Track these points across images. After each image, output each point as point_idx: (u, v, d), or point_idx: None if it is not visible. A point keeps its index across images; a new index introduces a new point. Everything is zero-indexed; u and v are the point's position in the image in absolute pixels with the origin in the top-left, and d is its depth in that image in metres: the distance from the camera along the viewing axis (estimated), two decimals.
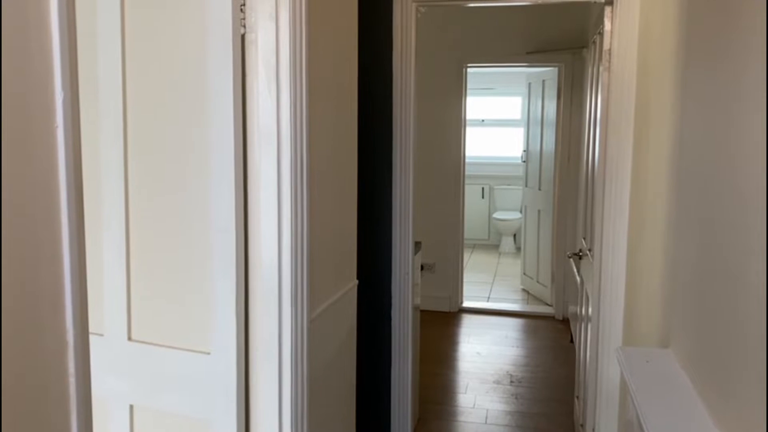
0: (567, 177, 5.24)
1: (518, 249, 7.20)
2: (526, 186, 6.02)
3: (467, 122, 5.50)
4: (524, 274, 6.05)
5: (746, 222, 1.19)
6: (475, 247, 7.84)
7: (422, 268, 3.38)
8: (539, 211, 5.68)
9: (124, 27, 1.68)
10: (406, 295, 2.98)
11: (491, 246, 7.94)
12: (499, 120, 8.13)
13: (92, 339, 0.92)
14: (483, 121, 8.05)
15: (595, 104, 3.18)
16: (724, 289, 1.33)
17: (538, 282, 5.74)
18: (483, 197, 8.04)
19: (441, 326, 5.10)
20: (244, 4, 1.62)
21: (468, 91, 5.45)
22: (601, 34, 2.71)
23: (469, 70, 5.40)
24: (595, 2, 2.66)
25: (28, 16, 0.79)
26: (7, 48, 0.76)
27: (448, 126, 5.36)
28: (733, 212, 1.29)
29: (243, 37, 1.63)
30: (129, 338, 1.77)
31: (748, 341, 1.16)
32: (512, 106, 8.13)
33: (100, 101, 1.71)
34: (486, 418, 3.57)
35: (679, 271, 1.73)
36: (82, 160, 0.88)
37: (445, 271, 5.47)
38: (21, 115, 0.78)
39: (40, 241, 0.82)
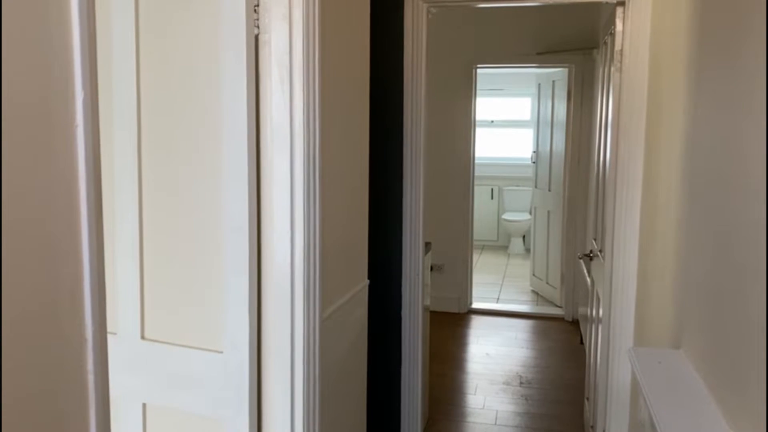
0: (577, 178, 5.22)
1: (527, 250, 7.18)
2: (536, 187, 6.00)
3: (477, 123, 5.50)
4: (533, 275, 6.04)
5: (759, 222, 1.19)
6: (484, 248, 7.83)
7: (431, 269, 3.38)
8: (549, 212, 5.67)
9: (138, 28, 1.69)
10: (417, 295, 2.98)
11: (500, 247, 7.92)
12: (508, 121, 8.12)
13: None
14: (492, 122, 8.03)
15: (606, 105, 3.17)
16: (736, 289, 1.33)
17: (547, 283, 5.73)
18: (492, 198, 8.02)
19: (450, 327, 5.09)
20: (257, 5, 1.63)
21: (477, 92, 5.44)
22: (612, 34, 2.70)
23: (478, 70, 5.39)
24: (606, 3, 2.66)
25: (50, 19, 0.80)
26: (30, 49, 0.77)
27: (458, 127, 5.36)
28: (745, 213, 1.29)
29: (257, 37, 1.64)
30: (142, 337, 1.78)
31: (761, 341, 1.16)
32: (522, 107, 8.11)
33: (115, 101, 1.73)
34: (496, 419, 3.57)
35: (691, 272, 1.73)
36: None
37: (454, 272, 5.46)
38: (43, 114, 0.80)
39: (60, 238, 0.83)
